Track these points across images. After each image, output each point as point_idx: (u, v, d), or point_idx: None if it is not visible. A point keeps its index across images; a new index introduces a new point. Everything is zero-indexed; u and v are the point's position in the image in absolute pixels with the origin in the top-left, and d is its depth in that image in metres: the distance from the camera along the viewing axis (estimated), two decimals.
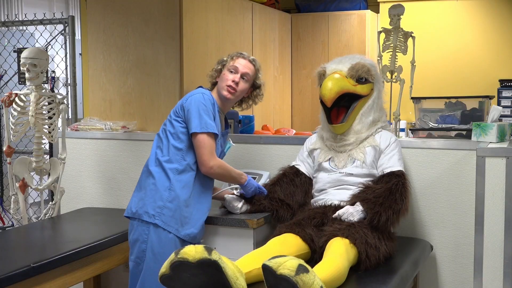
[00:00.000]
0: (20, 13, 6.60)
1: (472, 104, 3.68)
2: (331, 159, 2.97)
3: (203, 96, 2.79)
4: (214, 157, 2.77)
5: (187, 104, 2.78)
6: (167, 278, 2.19)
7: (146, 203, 2.76)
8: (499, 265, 2.64)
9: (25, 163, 3.68)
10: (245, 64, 2.91)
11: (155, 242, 2.72)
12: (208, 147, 2.74)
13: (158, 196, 2.75)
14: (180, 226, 2.74)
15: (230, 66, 2.90)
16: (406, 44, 3.53)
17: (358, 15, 6.08)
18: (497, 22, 5.80)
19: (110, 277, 3.78)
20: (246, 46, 5.10)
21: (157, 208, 2.74)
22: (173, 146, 2.80)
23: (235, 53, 2.96)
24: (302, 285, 2.00)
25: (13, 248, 3.01)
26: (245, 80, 2.91)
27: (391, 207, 2.67)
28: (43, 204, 3.88)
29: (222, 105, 2.93)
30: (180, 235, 2.73)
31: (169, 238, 2.72)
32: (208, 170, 2.77)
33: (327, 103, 2.89)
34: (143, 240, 2.75)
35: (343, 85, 2.89)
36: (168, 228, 2.72)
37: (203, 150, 2.74)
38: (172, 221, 2.73)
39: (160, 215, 2.73)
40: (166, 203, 2.74)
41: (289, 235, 2.61)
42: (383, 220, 2.64)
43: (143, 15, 4.02)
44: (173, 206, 2.74)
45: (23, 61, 3.57)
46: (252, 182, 2.94)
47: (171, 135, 2.82)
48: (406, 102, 3.86)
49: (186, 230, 2.75)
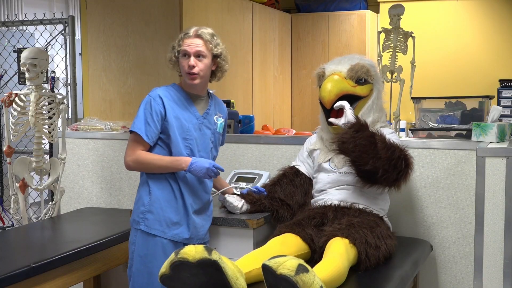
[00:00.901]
0: (20, 13, 6.60)
1: (472, 104, 3.68)
2: (331, 160, 2.97)
3: (147, 98, 2.73)
4: (132, 152, 2.70)
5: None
6: (167, 278, 2.19)
7: (134, 211, 2.79)
8: (499, 265, 2.64)
9: (25, 163, 3.68)
10: (193, 42, 2.69)
11: (140, 244, 2.73)
12: (130, 144, 2.71)
13: (141, 202, 2.75)
14: (166, 227, 2.72)
15: (181, 51, 2.72)
16: (406, 44, 3.54)
17: (358, 15, 6.09)
18: (497, 22, 5.80)
19: (110, 277, 3.78)
20: (246, 46, 5.10)
21: (140, 214, 2.73)
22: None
23: (181, 35, 2.76)
24: (302, 285, 2.00)
25: (13, 248, 3.01)
26: (201, 58, 2.70)
27: (389, 149, 2.58)
28: (43, 204, 3.88)
29: (196, 90, 2.79)
30: (167, 236, 2.72)
31: (155, 240, 2.71)
32: (127, 167, 2.75)
33: (326, 105, 2.89)
34: (132, 242, 2.77)
35: (343, 86, 2.88)
36: (152, 231, 2.71)
37: (126, 148, 2.73)
38: (156, 224, 2.71)
39: (143, 220, 2.72)
40: (147, 207, 2.72)
41: (289, 235, 2.61)
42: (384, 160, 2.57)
43: (143, 15, 4.02)
44: (155, 209, 2.72)
45: (23, 61, 3.57)
46: (199, 163, 2.68)
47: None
48: (406, 102, 3.86)
49: (173, 231, 2.73)
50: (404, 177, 2.67)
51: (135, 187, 3.79)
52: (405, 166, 2.65)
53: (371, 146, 2.59)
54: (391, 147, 2.62)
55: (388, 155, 2.60)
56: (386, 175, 2.62)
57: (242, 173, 3.33)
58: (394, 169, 2.62)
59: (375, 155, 2.59)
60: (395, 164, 2.62)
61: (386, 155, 2.60)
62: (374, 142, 2.60)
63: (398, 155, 2.63)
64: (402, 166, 2.64)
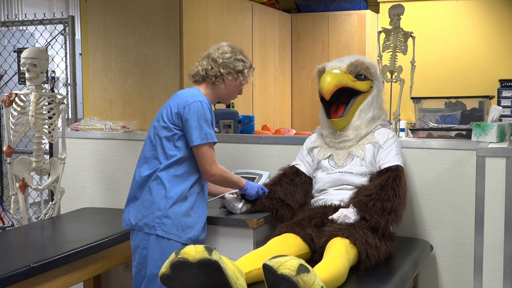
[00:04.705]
0: (20, 13, 6.60)
1: (472, 104, 3.68)
2: (330, 157, 2.97)
3: (201, 105, 2.70)
4: (216, 165, 2.75)
5: (186, 114, 2.69)
6: (167, 278, 2.19)
7: (145, 215, 2.72)
8: (499, 265, 2.64)
9: (25, 163, 3.68)
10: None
11: (155, 249, 2.70)
12: (209, 156, 2.72)
13: (156, 206, 2.70)
14: (182, 232, 2.71)
15: (247, 82, 2.87)
16: (406, 44, 3.53)
17: (358, 15, 6.09)
18: (497, 22, 5.80)
19: (110, 277, 3.78)
20: (246, 46, 5.10)
21: (156, 219, 2.69)
22: (169, 154, 2.73)
23: (249, 65, 2.87)
24: (303, 285, 2.00)
25: (13, 248, 3.01)
26: None
27: (384, 209, 2.65)
28: (43, 204, 3.88)
29: (213, 100, 2.88)
30: (182, 240, 2.71)
31: (170, 243, 2.69)
32: (210, 178, 2.77)
33: (325, 96, 2.89)
34: (143, 246, 2.73)
35: (342, 79, 2.90)
36: (169, 236, 2.69)
37: (205, 160, 2.71)
38: (173, 229, 2.70)
39: (160, 225, 2.69)
40: (164, 212, 2.69)
41: (290, 235, 2.61)
42: (383, 225, 2.64)
43: (143, 15, 4.02)
44: (172, 214, 2.70)
45: (23, 61, 3.57)
46: (252, 185, 2.94)
47: (167, 141, 2.74)
48: (406, 102, 3.86)
49: (188, 235, 2.72)
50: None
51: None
52: (399, 196, 2.73)
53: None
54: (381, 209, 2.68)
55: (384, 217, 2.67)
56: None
57: (242, 173, 3.33)
58: (395, 213, 2.71)
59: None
60: (394, 208, 2.70)
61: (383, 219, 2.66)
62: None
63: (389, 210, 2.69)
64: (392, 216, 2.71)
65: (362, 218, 2.66)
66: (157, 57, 3.99)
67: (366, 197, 2.69)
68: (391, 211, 2.67)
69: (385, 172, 2.78)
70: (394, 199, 2.68)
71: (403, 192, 2.75)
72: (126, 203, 2.83)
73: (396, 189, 2.71)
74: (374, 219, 2.63)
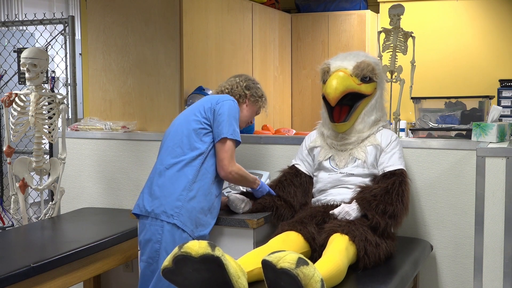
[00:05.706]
0: (20, 13, 6.60)
1: (472, 104, 3.68)
2: (331, 158, 2.96)
3: (234, 104, 2.88)
4: (234, 163, 2.83)
5: (220, 108, 2.84)
6: (169, 272, 2.18)
7: (164, 203, 2.76)
8: (499, 265, 2.64)
9: (25, 163, 3.68)
10: None
11: (169, 241, 2.72)
12: (231, 153, 2.81)
13: (176, 196, 2.75)
14: (195, 227, 2.76)
15: (261, 110, 3.12)
16: (406, 44, 3.53)
17: (358, 15, 6.08)
18: (497, 22, 5.80)
19: (110, 277, 3.78)
20: (246, 46, 5.10)
21: (175, 208, 2.74)
22: (195, 147, 2.82)
23: (265, 98, 3.11)
24: (303, 277, 2.00)
25: (13, 248, 3.01)
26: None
27: (386, 212, 2.67)
28: (43, 204, 3.88)
29: None
30: (194, 236, 2.74)
31: (183, 237, 2.72)
32: (227, 174, 2.82)
33: (331, 102, 2.87)
34: (156, 240, 2.74)
35: (348, 84, 2.86)
36: (184, 228, 2.73)
37: (225, 155, 2.80)
38: (189, 222, 2.75)
39: (178, 215, 2.73)
40: (184, 203, 2.74)
41: (291, 233, 2.62)
42: (382, 227, 2.65)
43: (143, 15, 4.02)
44: (190, 207, 2.75)
45: (23, 61, 3.57)
46: (264, 187, 2.99)
47: (195, 134, 2.84)
48: (406, 102, 3.86)
49: (199, 232, 2.77)
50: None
51: (135, 187, 3.81)
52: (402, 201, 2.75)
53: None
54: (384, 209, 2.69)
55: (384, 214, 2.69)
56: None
57: None
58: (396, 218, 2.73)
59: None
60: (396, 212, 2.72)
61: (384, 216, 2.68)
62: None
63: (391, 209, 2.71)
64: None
65: (363, 216, 2.67)
66: (157, 57, 3.99)
67: (371, 197, 2.70)
68: (392, 216, 2.68)
69: (390, 177, 2.79)
70: (397, 205, 2.69)
71: (407, 198, 2.77)
72: (143, 190, 2.88)
73: (400, 195, 2.72)
74: (375, 219, 2.64)
